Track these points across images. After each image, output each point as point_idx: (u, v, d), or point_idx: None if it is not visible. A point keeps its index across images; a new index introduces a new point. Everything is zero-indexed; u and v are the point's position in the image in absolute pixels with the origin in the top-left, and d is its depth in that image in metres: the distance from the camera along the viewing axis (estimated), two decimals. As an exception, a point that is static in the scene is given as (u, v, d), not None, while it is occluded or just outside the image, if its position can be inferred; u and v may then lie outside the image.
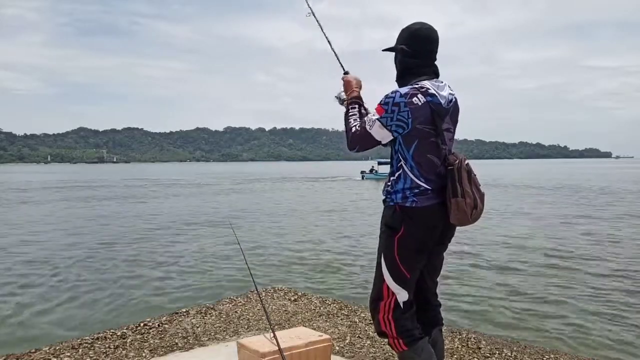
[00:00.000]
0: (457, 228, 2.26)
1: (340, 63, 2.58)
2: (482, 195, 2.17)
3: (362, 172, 44.40)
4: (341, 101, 2.44)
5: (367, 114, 2.30)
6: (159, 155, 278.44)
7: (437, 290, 2.44)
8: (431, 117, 2.11)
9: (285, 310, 4.77)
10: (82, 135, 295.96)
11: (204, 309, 4.88)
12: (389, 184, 2.24)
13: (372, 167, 45.17)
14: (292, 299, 5.23)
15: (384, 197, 2.26)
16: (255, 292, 5.33)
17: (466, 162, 2.15)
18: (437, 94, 2.13)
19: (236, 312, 4.76)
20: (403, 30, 2.27)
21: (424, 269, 2.30)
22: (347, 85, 2.42)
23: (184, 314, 4.71)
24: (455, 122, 2.28)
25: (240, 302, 5.14)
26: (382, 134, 2.14)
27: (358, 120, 2.25)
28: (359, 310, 4.87)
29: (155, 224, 13.43)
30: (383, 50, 2.33)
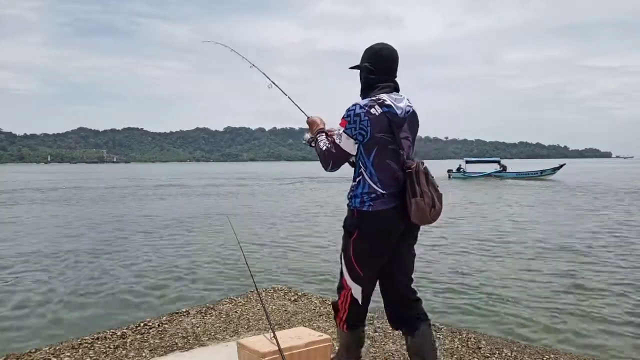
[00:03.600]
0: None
1: (301, 110, 2.85)
2: (439, 195, 2.36)
3: (449, 170, 41.52)
4: (310, 140, 2.65)
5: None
6: (159, 155, 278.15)
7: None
8: (388, 126, 2.35)
9: (285, 310, 4.77)
10: (82, 135, 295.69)
11: (204, 309, 4.88)
12: (351, 189, 2.46)
13: (460, 165, 41.90)
14: (292, 299, 5.23)
15: (347, 202, 2.48)
16: (255, 292, 5.33)
17: (424, 165, 2.36)
18: (393, 106, 2.37)
19: (236, 312, 4.76)
20: (367, 50, 2.52)
21: (394, 266, 2.49)
22: (312, 125, 2.68)
23: (184, 314, 4.71)
24: (414, 131, 2.50)
25: (240, 302, 5.14)
26: (349, 145, 2.38)
27: (327, 142, 2.49)
28: (359, 310, 4.87)
29: (154, 224, 13.43)
30: (350, 68, 2.58)
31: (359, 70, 2.58)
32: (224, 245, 9.95)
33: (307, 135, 2.69)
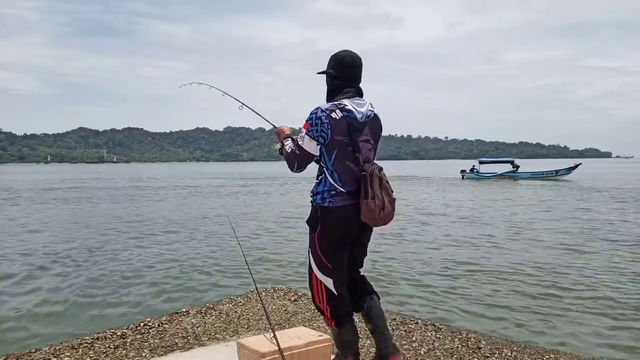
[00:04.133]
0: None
1: (270, 122, 3.11)
2: (391, 200, 2.53)
3: (462, 171, 41.31)
4: (279, 149, 2.78)
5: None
6: (159, 155, 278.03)
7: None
8: (347, 129, 2.50)
9: (285, 310, 4.77)
10: (82, 135, 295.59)
11: (204, 309, 4.88)
12: (314, 187, 2.62)
13: (473, 166, 41.37)
14: (292, 299, 5.23)
15: (310, 199, 2.65)
16: (255, 292, 5.33)
17: (381, 171, 2.52)
18: (354, 110, 2.52)
19: (236, 312, 4.77)
20: (331, 57, 2.67)
21: (350, 257, 2.68)
22: (279, 133, 2.83)
23: (184, 314, 4.71)
24: (375, 134, 2.65)
25: (240, 302, 5.15)
26: (312, 146, 2.53)
27: (292, 145, 2.63)
28: (359, 310, 4.87)
29: (154, 224, 13.43)
30: (317, 73, 2.73)
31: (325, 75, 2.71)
32: (224, 245, 9.95)
33: (277, 145, 2.83)
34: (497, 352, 3.77)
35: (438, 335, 4.12)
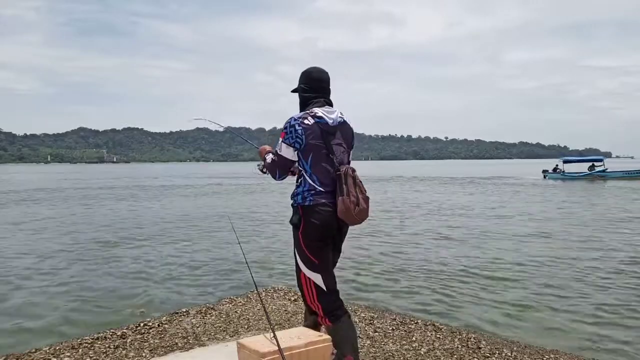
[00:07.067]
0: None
1: (252, 144, 3.45)
2: (365, 198, 2.71)
3: (544, 171, 38.91)
4: (261, 166, 3.02)
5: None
6: (159, 155, 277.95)
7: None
8: (320, 134, 2.72)
9: (285, 310, 4.77)
10: (82, 135, 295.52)
11: (204, 309, 4.88)
12: (294, 189, 2.82)
13: (557, 165, 38.63)
14: (292, 299, 5.24)
15: (291, 202, 2.84)
16: (255, 292, 5.33)
17: (354, 172, 2.72)
18: (324, 116, 2.76)
19: (236, 312, 4.77)
20: (302, 74, 2.94)
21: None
22: (261, 152, 3.07)
23: (184, 314, 4.72)
24: (347, 139, 2.86)
25: (240, 302, 5.15)
26: (289, 152, 2.75)
27: (272, 156, 2.87)
28: (359, 311, 4.87)
29: (154, 224, 13.43)
30: (291, 92, 3.00)
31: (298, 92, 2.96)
32: (225, 245, 9.95)
33: (259, 165, 3.06)
34: (497, 352, 3.77)
35: (438, 335, 4.12)
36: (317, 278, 2.75)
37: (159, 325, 4.36)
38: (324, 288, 2.75)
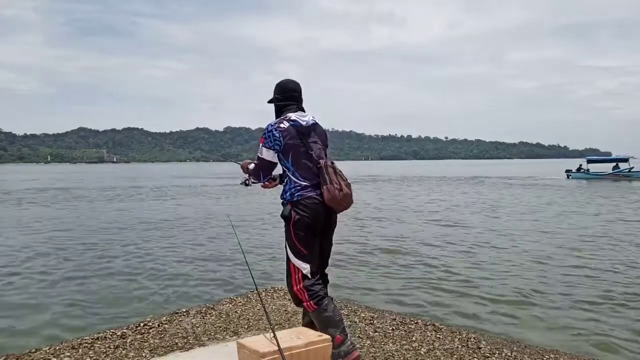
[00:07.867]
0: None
1: (235, 162, 3.74)
2: (347, 184, 3.02)
3: (568, 171, 38.42)
4: (246, 180, 3.28)
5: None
6: (159, 155, 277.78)
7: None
8: (297, 134, 3.02)
9: (285, 310, 4.77)
10: (82, 135, 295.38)
11: (204, 309, 4.88)
12: (282, 190, 3.08)
13: (580, 165, 38.30)
14: (292, 299, 5.23)
15: (281, 200, 3.07)
16: (255, 292, 5.33)
17: (333, 163, 3.04)
18: (298, 120, 3.06)
19: (236, 312, 4.77)
20: (276, 85, 3.24)
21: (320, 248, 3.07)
22: (243, 167, 3.31)
23: (184, 314, 4.72)
24: (322, 138, 3.17)
25: (240, 302, 5.15)
26: (269, 154, 3.04)
27: (254, 163, 3.16)
28: (359, 310, 4.87)
29: (154, 224, 13.43)
30: (268, 102, 3.27)
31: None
32: (224, 245, 9.95)
33: (244, 178, 3.28)
34: (497, 352, 3.77)
35: (438, 335, 4.12)
36: (305, 268, 2.97)
37: (159, 325, 4.36)
38: (309, 276, 2.97)
